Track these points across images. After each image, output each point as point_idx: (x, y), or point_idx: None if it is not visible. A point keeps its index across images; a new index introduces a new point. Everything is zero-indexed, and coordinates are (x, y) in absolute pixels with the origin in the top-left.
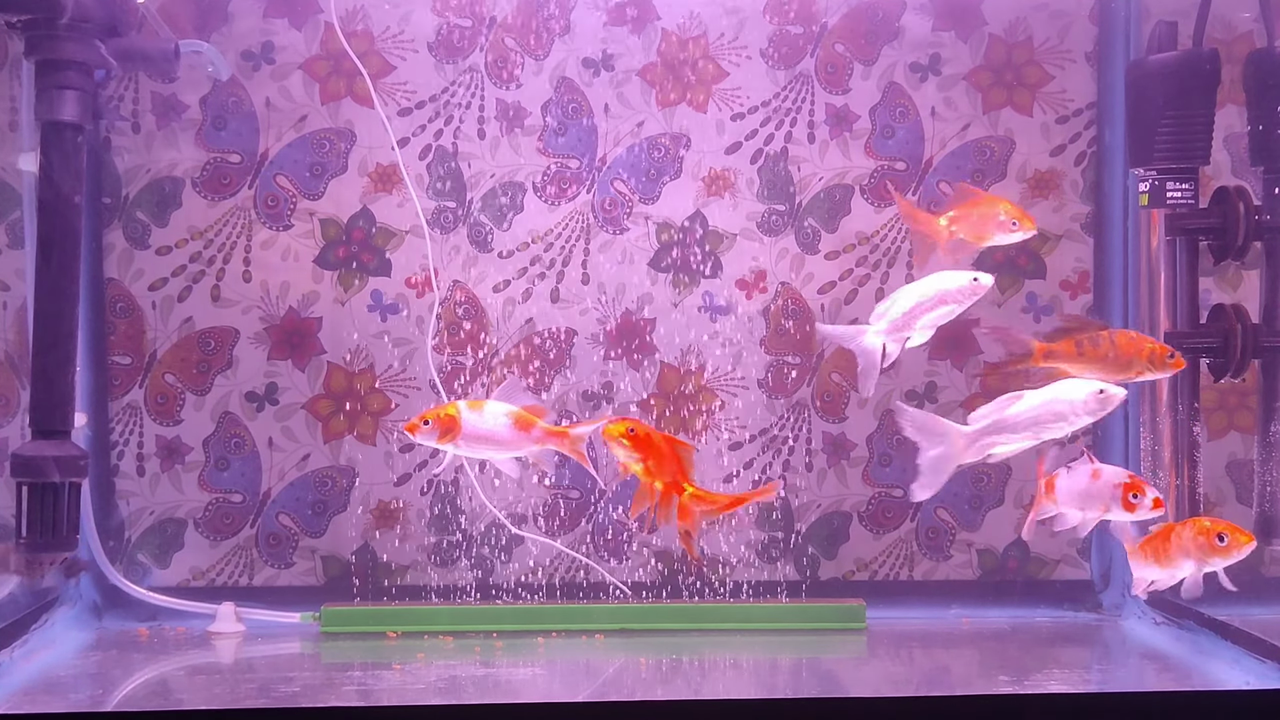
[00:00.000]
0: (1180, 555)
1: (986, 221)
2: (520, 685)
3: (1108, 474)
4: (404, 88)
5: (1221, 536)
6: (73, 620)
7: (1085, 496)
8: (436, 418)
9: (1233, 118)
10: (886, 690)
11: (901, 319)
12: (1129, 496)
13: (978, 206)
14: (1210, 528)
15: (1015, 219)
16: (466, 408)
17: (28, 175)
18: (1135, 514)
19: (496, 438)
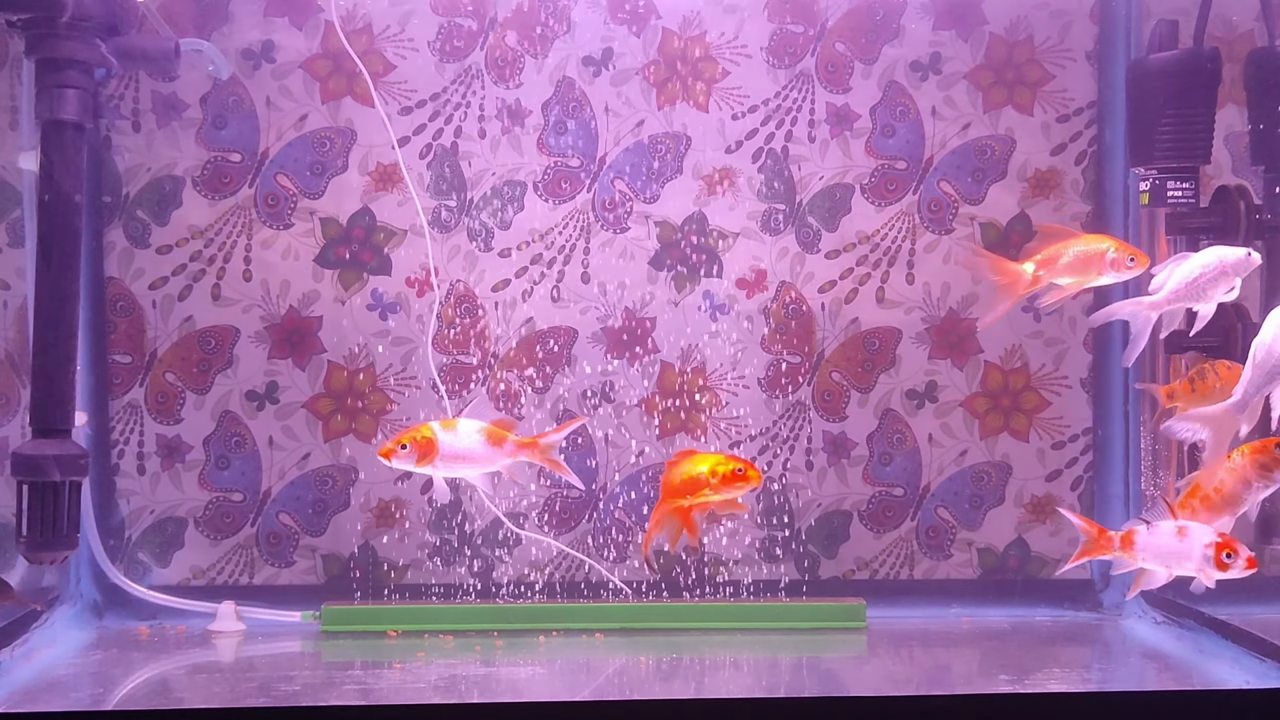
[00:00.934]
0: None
1: (1091, 262)
2: (521, 684)
3: (1195, 533)
4: (404, 87)
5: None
6: (73, 619)
7: (1171, 555)
8: (413, 440)
9: (1233, 117)
10: (887, 689)
11: (1184, 288)
12: (1222, 556)
13: (1073, 246)
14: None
15: (1131, 255)
16: (441, 428)
17: (28, 174)
18: (1228, 573)
19: (472, 455)
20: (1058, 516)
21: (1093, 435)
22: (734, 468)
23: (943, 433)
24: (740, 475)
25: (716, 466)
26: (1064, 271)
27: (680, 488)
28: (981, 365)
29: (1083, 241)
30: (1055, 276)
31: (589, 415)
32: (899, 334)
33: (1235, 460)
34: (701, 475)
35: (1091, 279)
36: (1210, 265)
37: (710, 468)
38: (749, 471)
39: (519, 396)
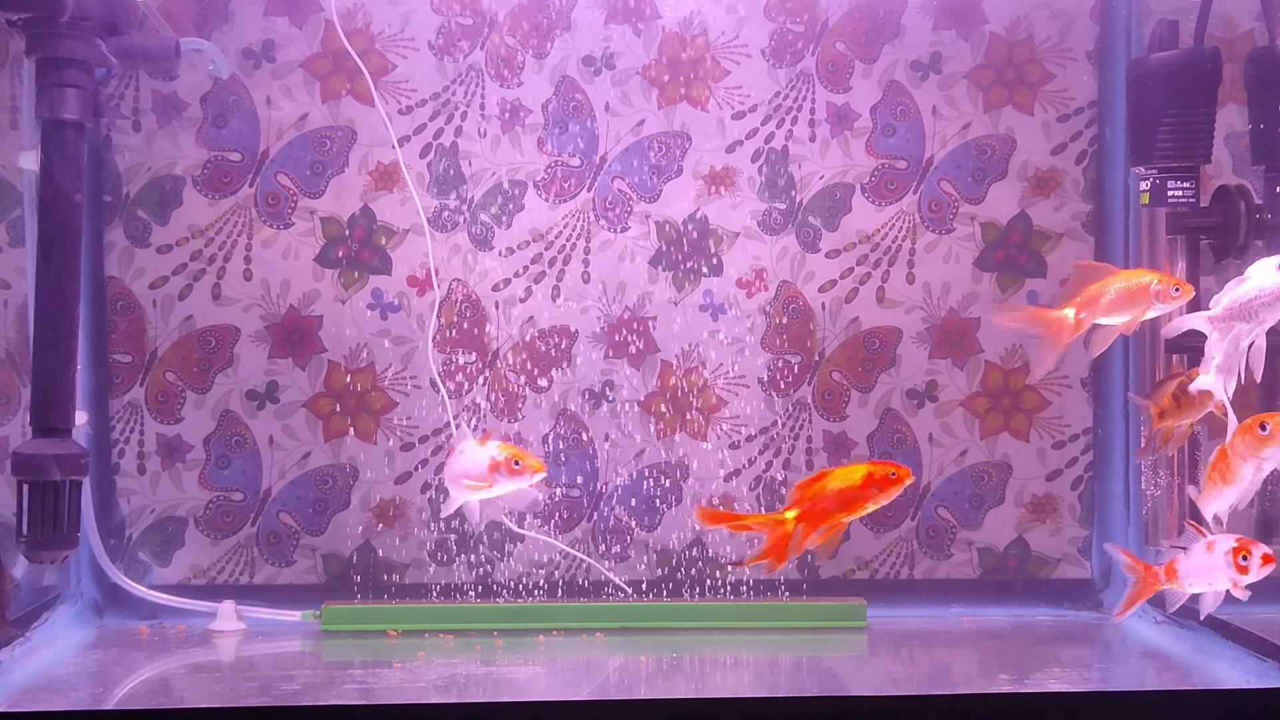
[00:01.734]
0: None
1: (1136, 297)
2: (521, 683)
3: (1220, 543)
4: (404, 86)
5: (1263, 425)
6: (73, 618)
7: (1208, 571)
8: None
9: (1234, 116)
10: (887, 689)
11: (1238, 307)
12: (1239, 559)
13: (1113, 284)
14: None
15: (1175, 285)
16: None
17: (28, 173)
18: (1249, 575)
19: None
20: (1058, 516)
21: (1093, 435)
22: (888, 472)
23: (943, 432)
24: (896, 479)
25: (873, 474)
26: (1107, 311)
27: (835, 504)
28: (982, 365)
29: (1122, 278)
30: (1098, 316)
31: (608, 409)
32: (899, 333)
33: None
34: (858, 488)
35: (1139, 314)
36: (1268, 289)
37: (866, 478)
38: (901, 473)
39: (519, 396)
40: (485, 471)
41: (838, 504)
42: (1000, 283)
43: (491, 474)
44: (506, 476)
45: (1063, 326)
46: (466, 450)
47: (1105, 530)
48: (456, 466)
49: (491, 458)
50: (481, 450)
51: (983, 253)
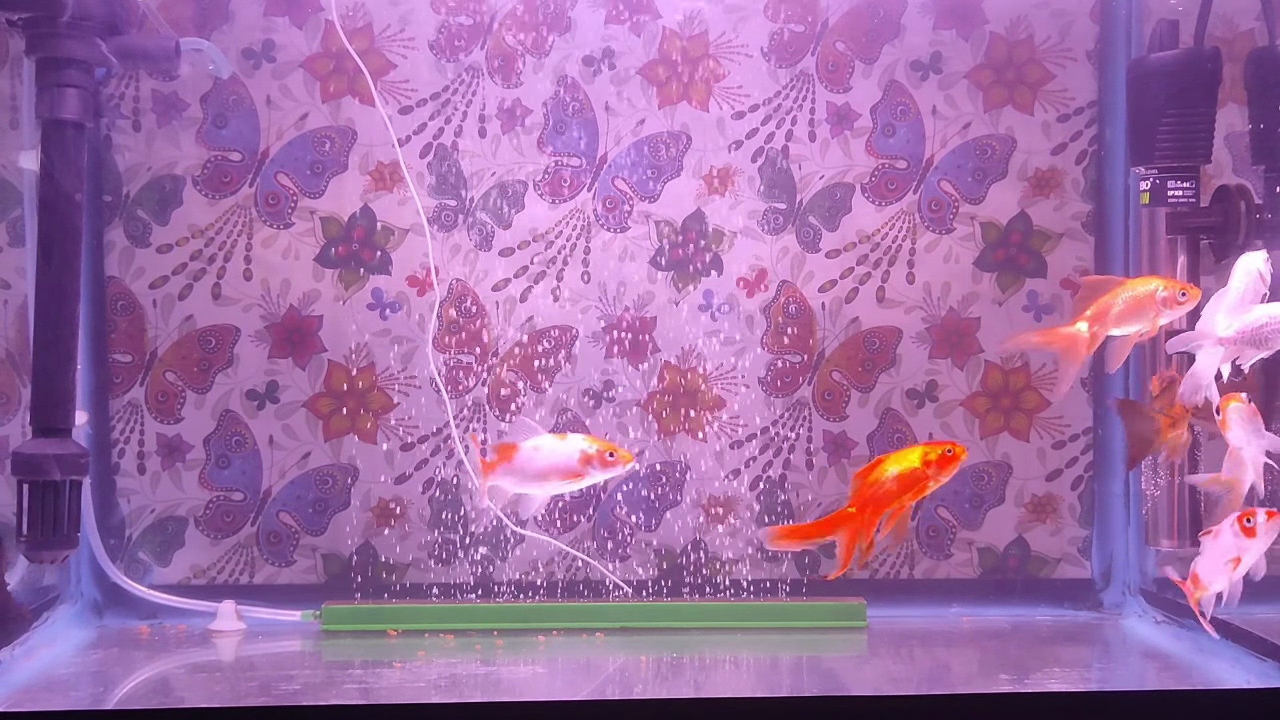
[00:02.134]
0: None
1: (1144, 306)
2: (521, 683)
3: (1222, 525)
4: (405, 86)
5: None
6: (73, 618)
7: (1218, 558)
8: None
9: (1234, 116)
10: (887, 689)
11: (1250, 332)
12: (1244, 523)
13: (1121, 294)
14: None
15: (1181, 290)
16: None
17: (28, 173)
18: (1259, 537)
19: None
20: (1058, 516)
21: (1093, 435)
22: (944, 450)
23: (943, 432)
24: (953, 456)
25: (929, 455)
26: (1118, 322)
27: (897, 488)
28: (982, 365)
29: (1129, 287)
30: (1111, 328)
31: (608, 408)
32: (899, 333)
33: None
34: (917, 469)
35: (1150, 322)
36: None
37: (923, 459)
38: (957, 449)
39: (519, 396)
40: (577, 465)
41: (899, 488)
42: (1000, 283)
43: (584, 467)
44: (599, 468)
45: (1077, 342)
46: (545, 446)
47: (1105, 530)
48: (537, 463)
49: (582, 451)
50: (566, 444)
51: (983, 253)
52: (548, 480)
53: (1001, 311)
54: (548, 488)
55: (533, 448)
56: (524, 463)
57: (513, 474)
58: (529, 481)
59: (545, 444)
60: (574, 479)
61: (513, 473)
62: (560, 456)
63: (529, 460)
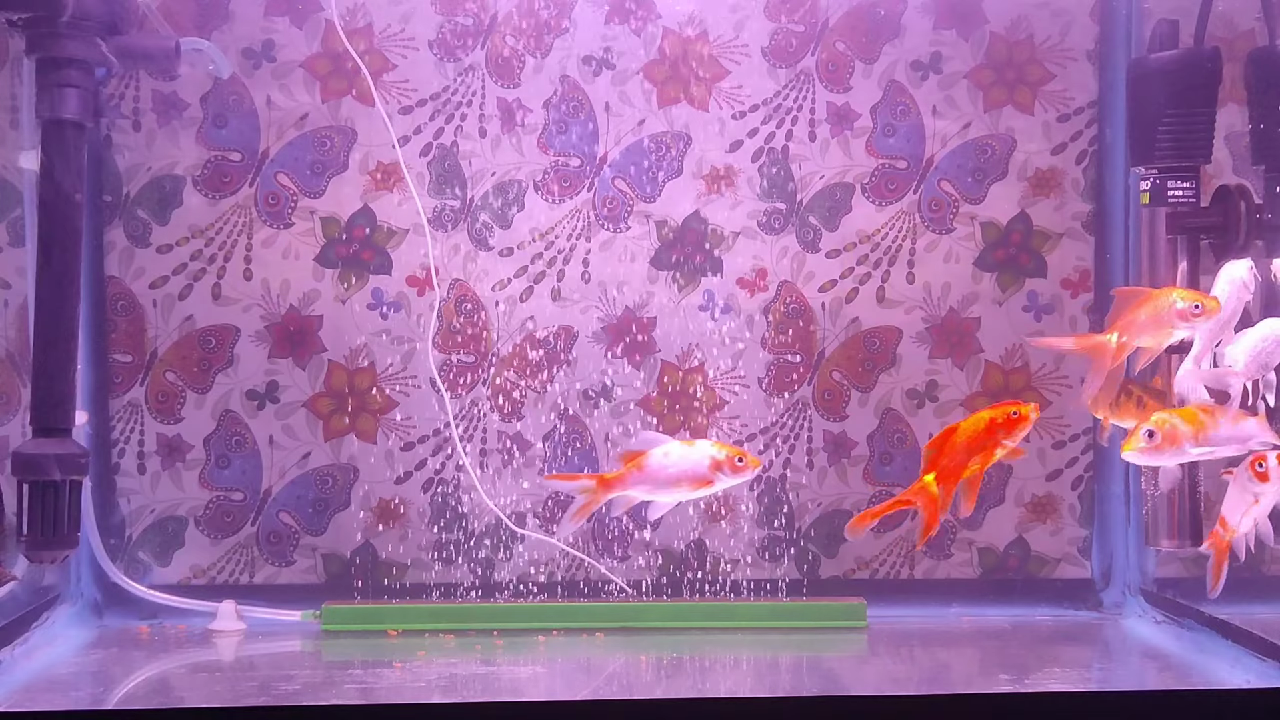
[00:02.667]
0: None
1: (1163, 318)
2: (521, 683)
3: (1239, 473)
4: (405, 86)
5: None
6: (73, 618)
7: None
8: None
9: (1234, 116)
10: (887, 689)
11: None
12: (1256, 467)
13: (1145, 306)
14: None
15: (1196, 302)
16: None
17: (28, 173)
18: (1272, 480)
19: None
20: (1058, 516)
21: (1093, 435)
22: (1010, 411)
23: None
24: (1020, 417)
25: (996, 419)
26: (1143, 332)
27: (967, 454)
28: (982, 365)
29: (1152, 299)
30: (1138, 338)
31: (608, 407)
32: (899, 333)
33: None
34: (982, 433)
35: (1172, 333)
36: (1270, 337)
37: (990, 421)
38: (1023, 409)
39: (519, 396)
40: (707, 471)
41: (969, 454)
42: (1000, 283)
43: (714, 473)
44: (729, 474)
45: (1105, 351)
46: (675, 453)
47: (1105, 530)
48: (669, 470)
49: (712, 457)
50: (695, 450)
51: (983, 253)
52: (679, 487)
53: (1001, 311)
54: (677, 495)
55: (663, 454)
56: (655, 470)
57: (644, 482)
58: (660, 489)
59: (675, 451)
60: (704, 486)
61: (644, 481)
62: (691, 463)
63: (660, 468)
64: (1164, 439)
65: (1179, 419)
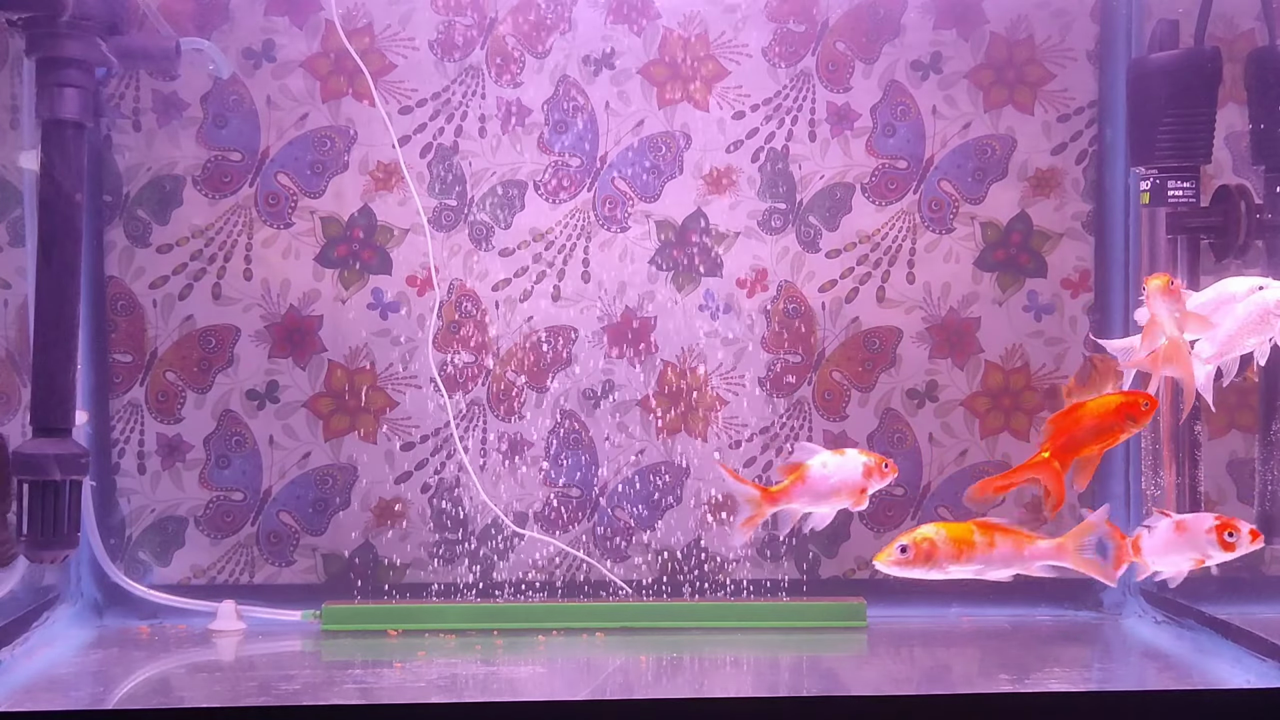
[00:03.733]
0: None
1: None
2: (521, 683)
3: (1192, 523)
4: (405, 86)
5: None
6: (73, 618)
7: (1175, 548)
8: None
9: (1234, 116)
10: (887, 689)
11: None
12: (1224, 536)
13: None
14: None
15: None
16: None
17: (29, 173)
18: (1236, 551)
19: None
20: (1058, 516)
21: None
22: (1141, 402)
23: (943, 432)
24: (1148, 410)
25: (1125, 404)
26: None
27: (1090, 435)
28: (982, 365)
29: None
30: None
31: (609, 403)
32: (899, 333)
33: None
34: (1109, 416)
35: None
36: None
37: (1119, 406)
38: (1153, 401)
39: (519, 396)
40: (861, 478)
41: (1092, 435)
42: (1000, 283)
43: (866, 479)
44: (878, 479)
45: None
46: (831, 463)
47: None
48: (830, 480)
49: (864, 464)
50: (848, 459)
51: (983, 252)
52: (839, 496)
53: (1001, 311)
54: (836, 504)
55: (821, 465)
56: (817, 481)
57: (807, 494)
58: (822, 500)
59: (830, 461)
60: (860, 493)
61: (807, 493)
62: (847, 471)
63: (821, 478)
64: (917, 556)
65: (944, 536)
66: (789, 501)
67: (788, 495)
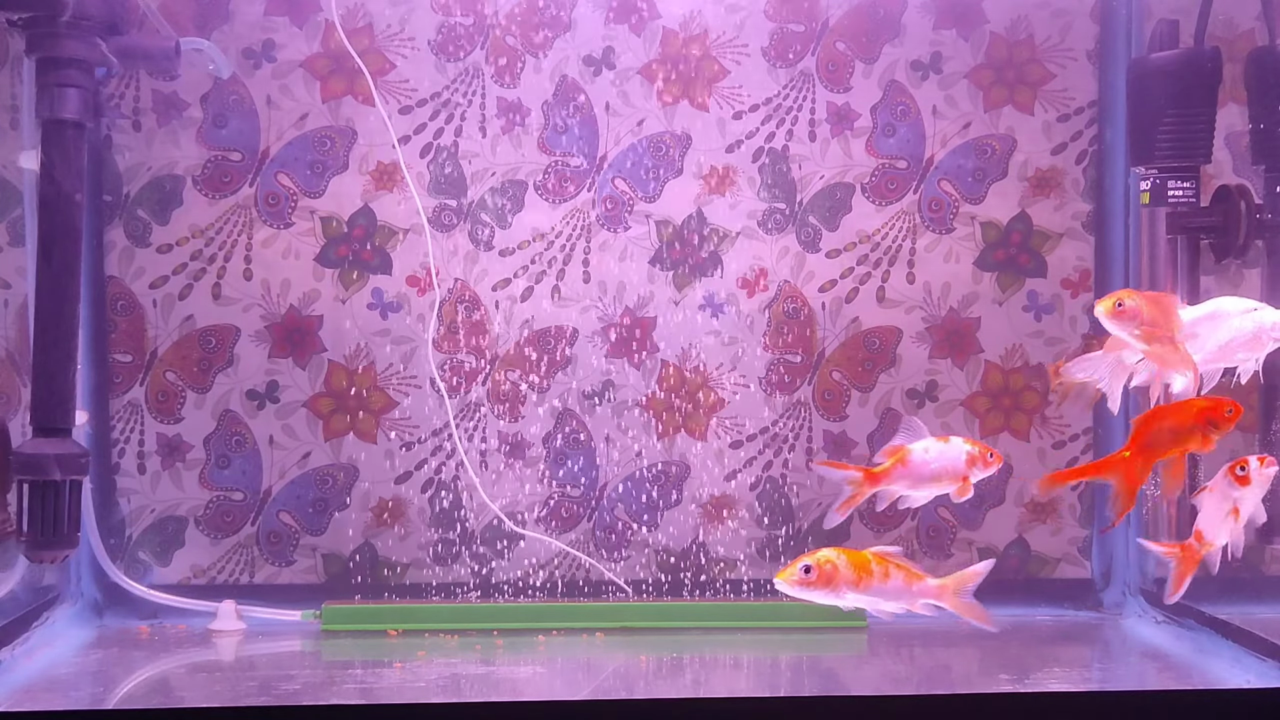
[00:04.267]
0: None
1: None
2: (521, 683)
3: (1217, 479)
4: (405, 85)
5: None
6: (73, 618)
7: (1217, 512)
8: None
9: (1234, 116)
10: (887, 689)
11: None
12: (1236, 471)
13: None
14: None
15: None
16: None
17: (29, 173)
18: (1253, 484)
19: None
20: (1058, 516)
21: (1093, 435)
22: (1225, 410)
23: (943, 432)
24: (1233, 416)
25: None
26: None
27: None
28: (982, 365)
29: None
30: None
31: (609, 405)
32: (899, 333)
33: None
34: (1194, 423)
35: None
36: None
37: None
38: (1238, 408)
39: (519, 396)
40: (964, 466)
41: (1171, 439)
42: (1000, 283)
43: (969, 468)
44: (981, 469)
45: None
46: (933, 449)
47: None
48: (931, 465)
49: (968, 453)
50: (951, 447)
51: (983, 252)
52: (939, 482)
53: (1001, 311)
54: (935, 489)
55: (923, 450)
56: (917, 465)
57: (907, 477)
58: (922, 484)
59: (933, 447)
60: (961, 481)
61: (907, 476)
62: (949, 459)
63: (922, 463)
64: (819, 578)
65: (845, 561)
66: (889, 483)
67: (889, 477)
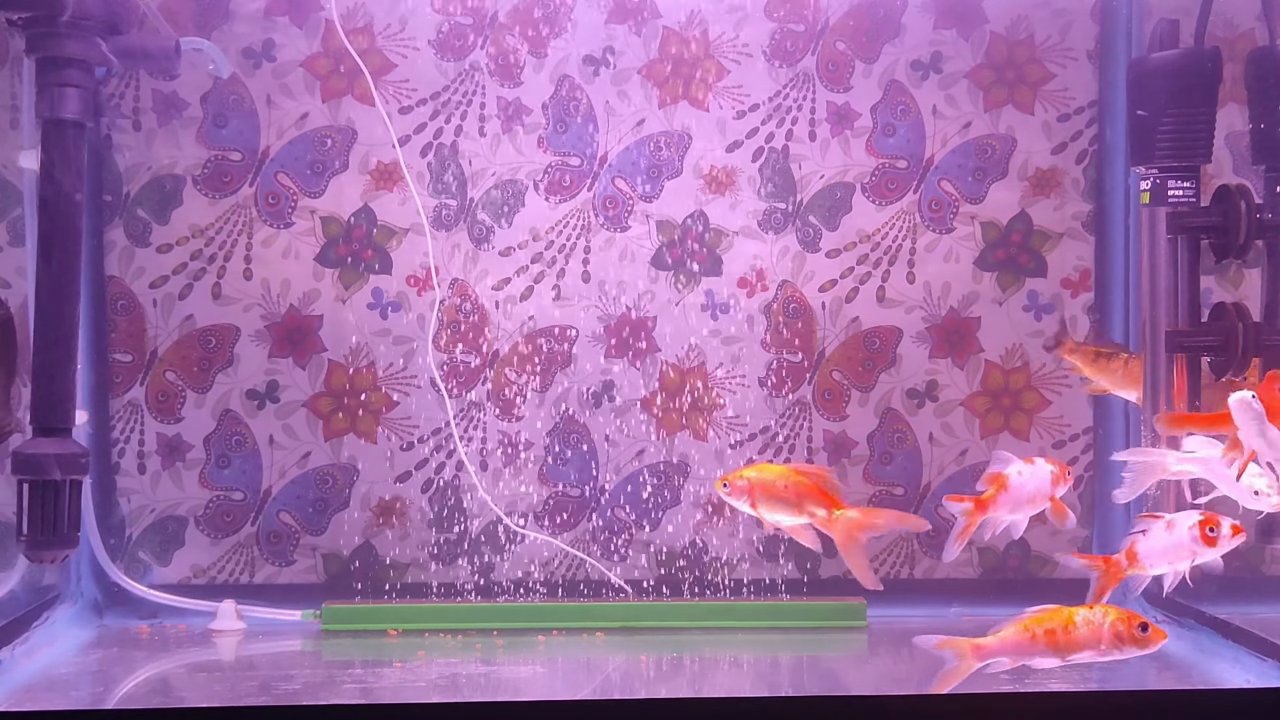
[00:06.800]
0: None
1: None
2: (521, 683)
3: (1179, 520)
4: (405, 85)
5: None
6: (74, 618)
7: (1168, 551)
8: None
9: (1234, 116)
10: (887, 688)
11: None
12: (1206, 531)
13: None
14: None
15: None
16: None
17: (29, 173)
18: (1218, 547)
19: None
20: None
21: (1093, 435)
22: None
23: (943, 432)
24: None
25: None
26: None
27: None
28: (982, 365)
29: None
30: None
31: (611, 406)
32: (899, 333)
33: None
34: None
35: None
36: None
37: None
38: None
39: (519, 396)
40: (1050, 486)
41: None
42: (1000, 282)
43: (1054, 487)
44: (1063, 485)
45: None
46: (1025, 471)
47: (1105, 530)
48: (1026, 488)
49: (1051, 472)
50: (1038, 467)
51: (983, 252)
52: (1033, 503)
53: (1001, 311)
54: (1029, 510)
55: (1017, 474)
56: (1016, 489)
57: (1009, 502)
58: (1019, 507)
59: (1024, 469)
60: (1052, 500)
61: (1009, 501)
62: (1039, 480)
63: (1019, 487)
64: (733, 490)
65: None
66: (995, 510)
67: (995, 504)
